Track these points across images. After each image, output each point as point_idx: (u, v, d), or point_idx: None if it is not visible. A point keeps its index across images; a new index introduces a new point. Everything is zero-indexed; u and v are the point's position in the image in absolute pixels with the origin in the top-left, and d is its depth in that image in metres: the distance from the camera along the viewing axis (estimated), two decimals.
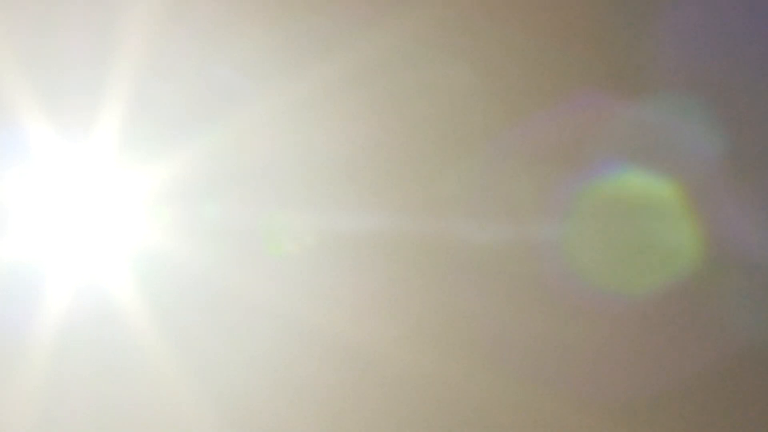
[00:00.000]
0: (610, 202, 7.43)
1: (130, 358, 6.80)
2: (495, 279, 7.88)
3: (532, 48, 6.73)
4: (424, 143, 7.27)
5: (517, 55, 6.89)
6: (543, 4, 6.29)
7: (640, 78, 6.97)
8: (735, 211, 6.83)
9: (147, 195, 6.91)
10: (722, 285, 7.10)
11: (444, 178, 7.35)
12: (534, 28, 6.44)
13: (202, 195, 7.02)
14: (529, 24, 6.66)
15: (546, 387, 7.28)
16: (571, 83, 6.84)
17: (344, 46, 6.93)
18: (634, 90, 6.89)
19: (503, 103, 7.04)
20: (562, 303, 7.45)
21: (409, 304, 7.29)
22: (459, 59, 6.94)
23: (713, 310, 6.78)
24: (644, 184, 6.88)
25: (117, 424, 6.88)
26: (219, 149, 6.84)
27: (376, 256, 6.99)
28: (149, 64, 6.17)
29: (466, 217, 7.47)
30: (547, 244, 7.50)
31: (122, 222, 6.96)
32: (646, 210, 7.23)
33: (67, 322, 6.39)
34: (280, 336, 7.26)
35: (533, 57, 6.70)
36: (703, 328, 6.76)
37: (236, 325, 7.13)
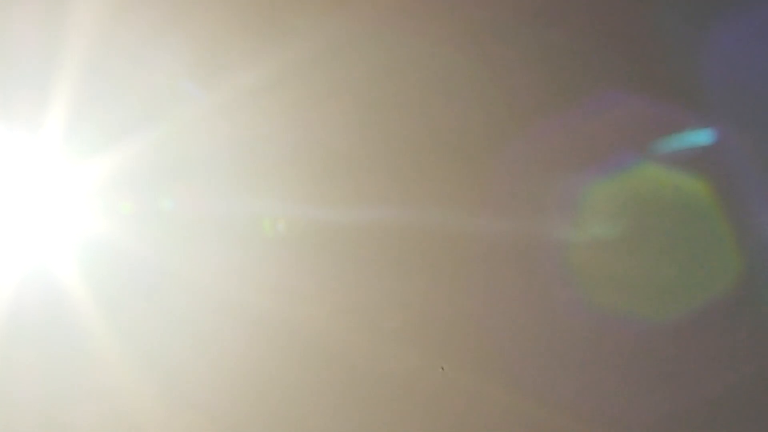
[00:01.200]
0: (634, 199, 7.60)
1: (75, 342, 7.02)
2: (489, 273, 8.13)
3: (539, 46, 6.99)
4: (379, 130, 7.48)
5: (526, 50, 7.12)
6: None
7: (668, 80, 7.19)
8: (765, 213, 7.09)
9: (93, 185, 7.12)
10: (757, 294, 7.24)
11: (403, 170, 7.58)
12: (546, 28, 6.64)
13: (148, 185, 7.25)
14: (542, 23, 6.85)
15: (537, 390, 7.59)
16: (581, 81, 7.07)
17: (296, 35, 7.12)
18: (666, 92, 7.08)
19: (508, 100, 7.30)
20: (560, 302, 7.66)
21: (358, 293, 7.51)
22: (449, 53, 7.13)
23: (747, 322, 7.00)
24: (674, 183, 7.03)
25: (63, 406, 7.07)
26: (164, 141, 7.07)
27: (322, 244, 7.20)
28: (97, 56, 6.37)
29: (452, 210, 7.73)
30: (556, 241, 7.72)
31: (69, 211, 7.17)
32: (676, 210, 7.38)
33: (15, 308, 6.60)
34: (222, 320, 7.53)
35: (542, 54, 6.94)
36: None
37: (180, 311, 7.40)
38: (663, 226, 6.30)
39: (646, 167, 6.15)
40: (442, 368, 5.31)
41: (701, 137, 5.84)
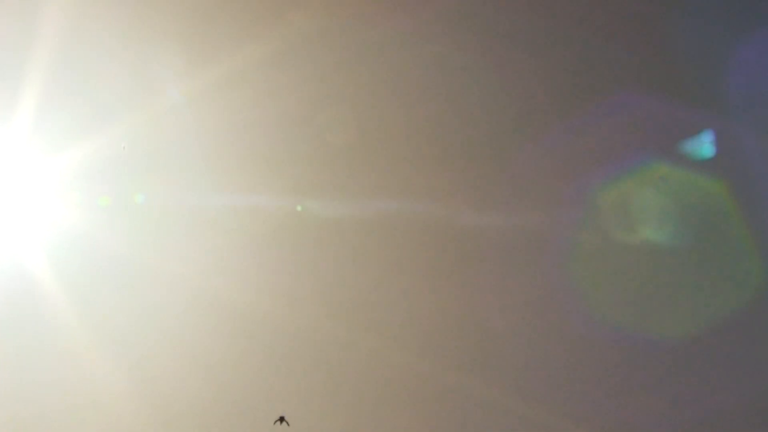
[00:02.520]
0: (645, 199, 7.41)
1: (48, 334, 6.92)
2: (482, 268, 7.99)
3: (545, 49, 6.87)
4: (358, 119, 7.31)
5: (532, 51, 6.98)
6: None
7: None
8: None
9: (63, 179, 6.99)
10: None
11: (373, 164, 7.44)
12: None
13: (122, 178, 7.12)
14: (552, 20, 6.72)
15: (536, 388, 7.42)
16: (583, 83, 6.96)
17: (269, 26, 6.98)
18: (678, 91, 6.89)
19: (513, 100, 7.19)
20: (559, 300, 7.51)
21: (331, 284, 7.35)
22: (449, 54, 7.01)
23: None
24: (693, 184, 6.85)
25: (35, 396, 6.97)
26: (138, 134, 6.95)
27: (299, 237, 7.04)
28: (71, 48, 6.27)
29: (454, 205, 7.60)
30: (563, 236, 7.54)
31: (40, 204, 7.06)
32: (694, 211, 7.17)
33: None
34: (195, 311, 7.41)
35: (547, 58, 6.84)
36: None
37: (153, 303, 7.30)
38: (680, 228, 6.26)
39: (659, 168, 6.11)
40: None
41: (714, 141, 5.79)
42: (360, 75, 5.51)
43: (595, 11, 5.59)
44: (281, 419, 4.95)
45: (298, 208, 5.37)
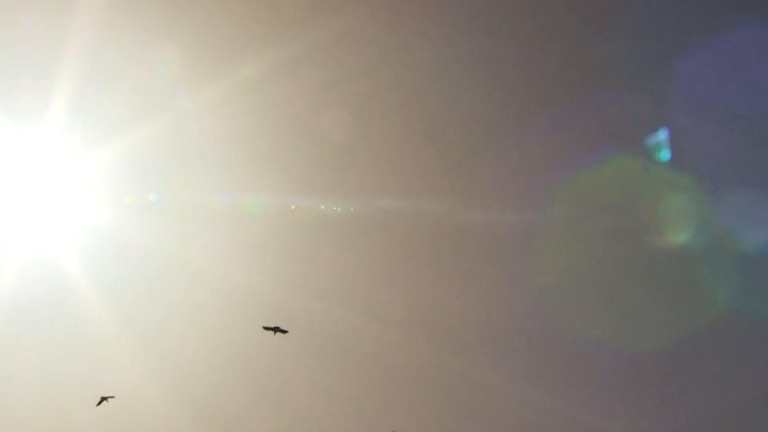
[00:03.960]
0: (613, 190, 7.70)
1: (77, 325, 7.33)
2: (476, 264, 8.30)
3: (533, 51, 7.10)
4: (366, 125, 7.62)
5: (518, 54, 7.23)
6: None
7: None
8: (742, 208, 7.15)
9: (94, 177, 7.40)
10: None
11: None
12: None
13: (148, 177, 7.50)
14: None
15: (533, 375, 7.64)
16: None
17: (292, 34, 7.32)
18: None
19: (503, 99, 7.49)
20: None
21: (344, 277, 7.66)
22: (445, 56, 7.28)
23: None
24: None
25: (64, 385, 7.37)
26: (163, 136, 7.33)
27: (312, 232, 7.30)
28: (98, 56, 6.59)
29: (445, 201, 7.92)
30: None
31: (71, 201, 7.50)
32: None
33: (20, 294, 6.93)
34: (218, 303, 7.78)
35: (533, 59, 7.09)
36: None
37: (177, 295, 7.68)
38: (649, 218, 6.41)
39: (625, 161, 6.31)
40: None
41: (669, 138, 5.98)
42: (369, 82, 5.85)
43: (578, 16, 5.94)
44: (276, 329, 5.16)
45: (322, 207, 5.72)
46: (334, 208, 5.47)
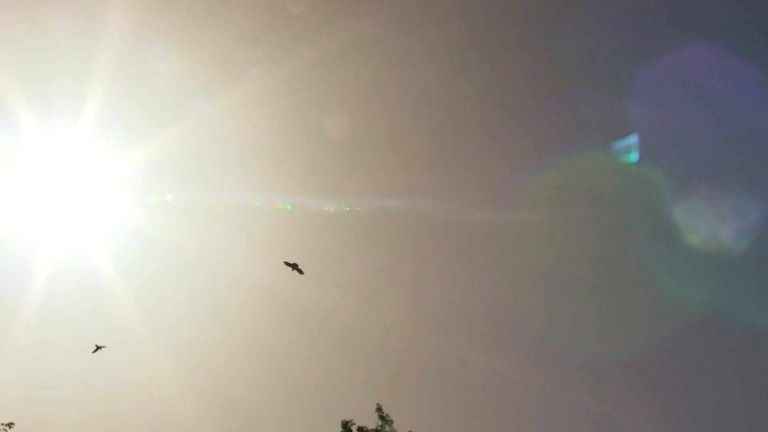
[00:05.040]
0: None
1: (106, 316, 7.81)
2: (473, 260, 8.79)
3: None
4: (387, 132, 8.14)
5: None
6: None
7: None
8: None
9: (123, 178, 7.89)
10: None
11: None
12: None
13: (174, 178, 8.01)
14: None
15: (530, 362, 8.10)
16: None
17: (315, 39, 7.82)
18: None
19: (491, 99, 7.95)
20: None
21: (353, 270, 8.14)
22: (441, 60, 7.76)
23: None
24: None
25: (96, 373, 7.83)
26: (185, 141, 7.84)
27: (323, 230, 7.74)
28: (126, 68, 7.07)
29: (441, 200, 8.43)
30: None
31: (102, 200, 8.02)
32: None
33: (54, 288, 7.41)
34: (237, 295, 8.24)
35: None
36: None
37: (200, 287, 8.15)
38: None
39: (591, 157, 6.57)
40: None
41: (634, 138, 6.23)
42: (374, 90, 6.24)
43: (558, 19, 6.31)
44: (294, 266, 5.37)
45: (346, 208, 6.08)
46: (343, 208, 5.88)
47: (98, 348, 6.62)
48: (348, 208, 5.74)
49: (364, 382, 6.57)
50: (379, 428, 9.76)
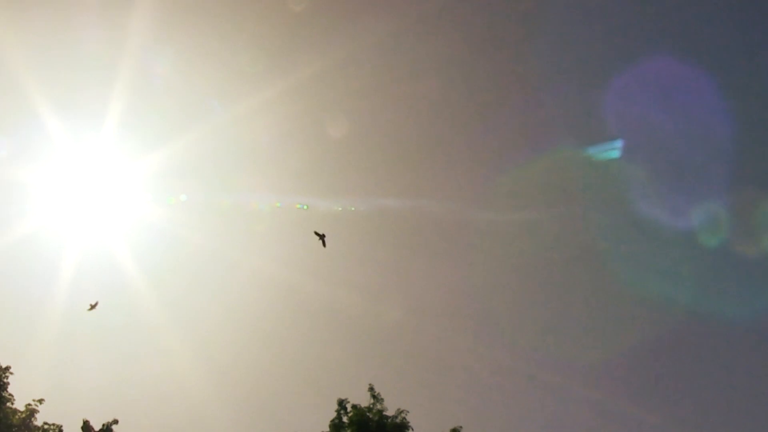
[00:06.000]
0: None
1: (130, 310, 8.44)
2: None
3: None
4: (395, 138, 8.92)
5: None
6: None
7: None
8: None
9: (146, 178, 8.51)
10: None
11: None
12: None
13: (192, 178, 8.67)
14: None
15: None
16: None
17: (329, 43, 8.58)
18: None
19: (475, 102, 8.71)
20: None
21: (356, 264, 8.83)
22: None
23: None
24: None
25: (120, 364, 8.44)
26: (204, 144, 8.49)
27: (333, 228, 8.18)
28: (149, 75, 7.71)
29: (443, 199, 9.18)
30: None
31: (126, 199, 8.67)
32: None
33: (83, 279, 8.05)
34: (253, 291, 8.92)
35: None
36: None
37: (217, 283, 8.84)
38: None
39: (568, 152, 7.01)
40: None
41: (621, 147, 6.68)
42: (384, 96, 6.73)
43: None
44: (322, 237, 5.79)
45: (351, 208, 6.60)
46: (350, 208, 6.40)
47: (92, 306, 7.14)
48: (353, 208, 6.29)
49: (359, 366, 7.17)
50: (371, 405, 10.58)
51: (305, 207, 7.02)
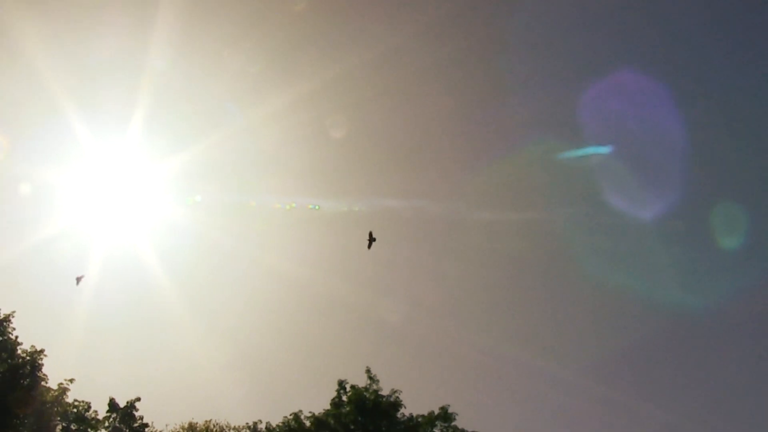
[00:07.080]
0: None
1: (152, 303, 10.33)
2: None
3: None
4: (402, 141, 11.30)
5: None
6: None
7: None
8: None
9: (166, 180, 10.39)
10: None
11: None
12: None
13: (213, 180, 10.75)
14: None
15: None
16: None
17: (343, 49, 10.87)
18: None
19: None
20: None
21: (365, 260, 11.22)
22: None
23: None
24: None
25: (143, 360, 10.42)
26: (223, 147, 10.49)
27: (338, 226, 10.79)
28: (170, 81, 9.44)
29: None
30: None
31: (147, 200, 10.41)
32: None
33: (109, 273, 9.79)
34: (271, 288, 11.11)
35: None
36: None
37: (237, 280, 11.01)
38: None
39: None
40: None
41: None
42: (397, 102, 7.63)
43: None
44: (372, 239, 6.65)
45: (355, 208, 7.48)
46: (356, 209, 7.14)
47: (78, 279, 7.87)
48: (358, 209, 7.02)
49: (358, 352, 8.04)
50: (368, 386, 12.28)
51: (317, 207, 7.79)
